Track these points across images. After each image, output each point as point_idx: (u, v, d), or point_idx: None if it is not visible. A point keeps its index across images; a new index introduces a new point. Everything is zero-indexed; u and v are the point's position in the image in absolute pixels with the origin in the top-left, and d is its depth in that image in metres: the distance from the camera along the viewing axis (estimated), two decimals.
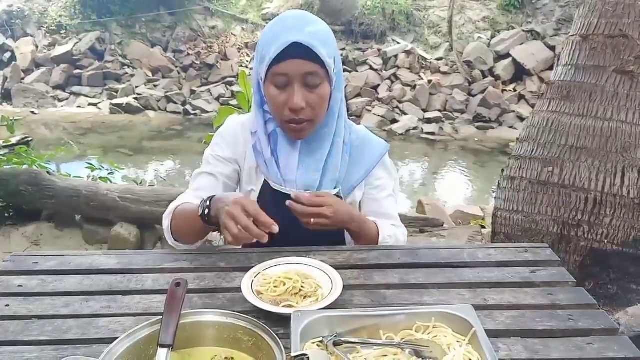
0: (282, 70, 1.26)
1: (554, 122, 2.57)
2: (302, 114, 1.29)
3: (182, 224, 1.35)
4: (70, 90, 11.55)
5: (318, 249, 1.31)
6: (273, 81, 1.29)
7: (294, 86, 1.27)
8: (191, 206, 1.33)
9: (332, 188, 1.41)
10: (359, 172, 1.46)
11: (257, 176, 1.45)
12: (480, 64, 10.72)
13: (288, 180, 1.38)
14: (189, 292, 1.12)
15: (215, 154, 1.46)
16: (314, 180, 1.38)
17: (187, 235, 1.37)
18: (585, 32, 2.59)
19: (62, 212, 3.60)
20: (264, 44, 1.29)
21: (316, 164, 1.39)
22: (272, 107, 1.33)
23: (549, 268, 1.26)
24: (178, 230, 1.37)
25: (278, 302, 1.08)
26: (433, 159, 8.65)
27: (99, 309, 1.08)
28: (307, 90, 1.28)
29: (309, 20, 1.29)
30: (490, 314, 1.06)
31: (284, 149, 1.39)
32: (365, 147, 1.48)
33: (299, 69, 1.25)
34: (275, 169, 1.39)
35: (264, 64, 1.28)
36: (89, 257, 1.29)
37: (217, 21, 13.15)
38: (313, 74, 1.26)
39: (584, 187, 2.42)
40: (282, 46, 1.23)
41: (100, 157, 8.04)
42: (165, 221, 1.39)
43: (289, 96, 1.28)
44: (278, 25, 1.29)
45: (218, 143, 1.47)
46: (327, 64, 1.26)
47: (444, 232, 3.19)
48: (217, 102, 10.88)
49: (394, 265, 1.26)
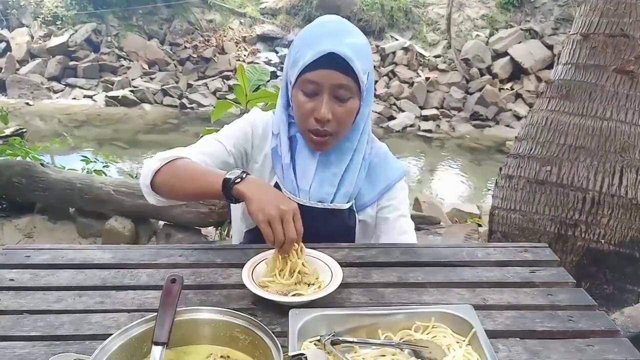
0: (314, 78, 1.22)
1: (553, 121, 2.56)
2: (327, 126, 1.26)
3: (183, 177, 1.24)
4: (65, 81, 11.49)
5: (317, 246, 1.30)
6: (302, 87, 1.25)
7: (323, 96, 1.23)
8: (202, 166, 1.26)
9: (344, 202, 1.38)
10: (373, 191, 1.42)
11: (269, 177, 1.40)
12: (478, 62, 10.73)
13: (302, 189, 1.35)
14: (184, 288, 1.10)
15: (239, 133, 1.40)
16: (327, 194, 1.35)
17: (178, 190, 1.26)
18: (586, 30, 2.58)
19: (55, 204, 3.56)
20: (300, 47, 1.25)
21: (332, 178, 1.35)
22: (298, 113, 1.30)
23: (548, 268, 1.25)
24: (170, 180, 1.26)
25: (286, 293, 1.06)
26: (429, 157, 8.65)
27: (92, 304, 1.06)
28: (335, 103, 1.24)
29: (349, 31, 1.25)
30: (490, 314, 1.05)
31: (302, 157, 1.35)
32: (383, 168, 1.44)
33: (331, 79, 1.21)
34: (292, 176, 1.35)
35: (296, 67, 1.24)
36: (82, 251, 1.27)
37: (215, 14, 13.09)
38: (344, 87, 1.23)
39: (582, 186, 2.42)
40: (319, 54, 1.19)
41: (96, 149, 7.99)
42: (155, 163, 1.27)
43: (316, 105, 1.24)
44: (317, 30, 1.25)
45: (244, 128, 1.41)
46: (360, 79, 1.23)
47: (441, 230, 3.18)
48: (214, 96, 10.86)
49: (393, 263, 1.25)
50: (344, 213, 1.39)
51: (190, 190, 1.25)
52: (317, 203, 1.35)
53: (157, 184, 1.28)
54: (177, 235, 3.38)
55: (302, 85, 1.25)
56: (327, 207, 1.36)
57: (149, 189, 1.29)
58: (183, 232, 3.40)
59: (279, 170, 1.37)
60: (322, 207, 1.36)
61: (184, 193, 1.28)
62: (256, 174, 1.41)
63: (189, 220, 3.36)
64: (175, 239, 3.35)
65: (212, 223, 3.42)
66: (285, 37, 12.57)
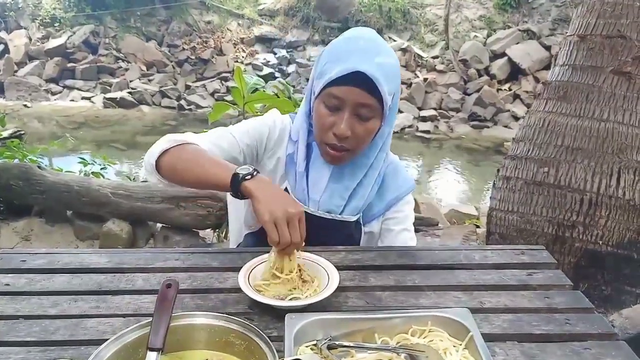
0: (338, 94, 1.20)
1: (550, 123, 2.56)
2: (345, 142, 1.24)
3: (191, 162, 1.22)
4: (63, 83, 11.48)
5: (312, 249, 1.29)
6: (325, 100, 1.23)
7: (344, 112, 1.21)
8: (211, 155, 1.24)
9: (353, 215, 1.37)
10: (381, 204, 1.42)
11: (280, 182, 1.39)
12: (476, 63, 10.74)
13: (312, 199, 1.34)
14: (180, 292, 1.10)
15: (256, 133, 1.37)
16: (337, 206, 1.35)
17: (183, 174, 1.24)
18: (583, 32, 2.58)
19: (53, 207, 3.55)
20: (328, 59, 1.23)
21: (343, 191, 1.34)
22: (317, 125, 1.28)
23: (545, 270, 1.25)
24: (177, 162, 1.23)
25: (283, 297, 1.06)
26: (428, 157, 8.66)
27: (87, 309, 1.05)
28: (356, 120, 1.22)
29: (380, 50, 1.22)
30: (487, 317, 1.04)
31: (316, 167, 1.34)
32: (392, 180, 1.43)
33: (356, 98, 1.20)
34: (304, 185, 1.34)
35: (322, 80, 1.22)
36: (78, 255, 1.26)
37: (213, 16, 13.09)
38: (367, 106, 1.21)
39: (579, 188, 2.42)
40: (346, 71, 1.17)
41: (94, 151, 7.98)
42: (164, 144, 1.25)
43: (336, 121, 1.23)
44: (348, 46, 1.22)
45: (260, 129, 1.38)
46: (384, 100, 1.21)
47: (439, 232, 3.18)
48: (212, 98, 10.86)
49: (390, 266, 1.24)
50: (350, 225, 1.38)
51: (195, 177, 1.22)
52: (325, 213, 1.34)
53: (163, 164, 1.26)
54: (175, 237, 3.37)
55: (325, 98, 1.23)
56: (334, 218, 1.35)
57: (152, 167, 1.27)
58: (181, 235, 3.39)
59: (292, 177, 1.36)
60: (329, 218, 1.35)
61: (188, 178, 1.25)
62: (266, 176, 1.38)
63: (186, 222, 3.36)
64: (173, 241, 3.34)
65: (210, 225, 3.41)
66: (283, 39, 12.58)
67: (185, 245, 3.29)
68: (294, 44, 12.48)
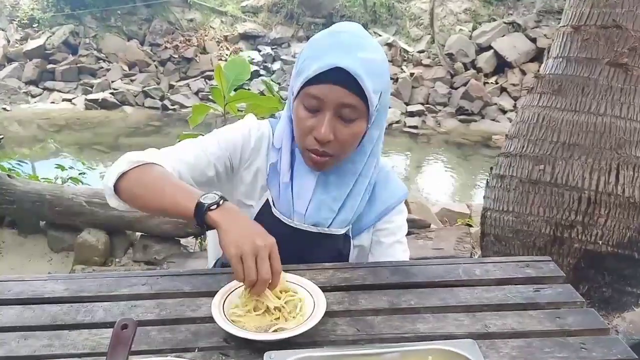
0: (317, 93, 1.08)
1: (544, 118, 2.45)
2: (327, 147, 1.12)
3: (151, 188, 1.09)
4: (43, 85, 11.25)
5: (296, 267, 1.17)
6: (304, 101, 1.11)
7: (325, 114, 1.09)
8: (175, 179, 1.10)
9: (342, 227, 1.24)
10: (371, 214, 1.29)
11: (260, 193, 1.26)
12: (462, 57, 10.67)
13: (297, 212, 1.21)
14: (146, 324, 0.98)
15: (228, 143, 1.23)
16: (325, 219, 1.22)
17: (143, 201, 1.12)
18: (577, 22, 2.47)
19: (24, 217, 3.38)
20: (306, 56, 1.11)
21: (332, 202, 1.21)
22: (297, 128, 1.15)
23: (553, 285, 1.14)
24: (136, 188, 1.11)
25: (266, 328, 0.93)
26: (416, 153, 8.58)
27: (39, 347, 0.92)
28: (338, 122, 1.10)
29: (364, 44, 1.09)
30: (493, 344, 0.93)
31: (300, 176, 1.21)
32: (383, 188, 1.30)
33: (336, 97, 1.07)
34: (289, 196, 1.21)
35: (300, 78, 1.10)
36: (32, 282, 1.12)
37: (195, 13, 12.89)
38: (350, 106, 1.08)
39: (577, 186, 2.31)
40: (325, 67, 1.05)
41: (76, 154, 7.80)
42: (123, 165, 1.12)
43: (317, 123, 1.10)
44: (328, 40, 1.10)
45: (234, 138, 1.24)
46: (369, 100, 1.08)
47: (431, 234, 3.08)
48: (197, 97, 10.69)
49: (382, 285, 1.12)
50: (339, 238, 1.26)
51: (156, 205, 1.09)
52: (310, 227, 1.22)
53: (121, 188, 1.13)
54: (155, 246, 3.22)
55: (304, 98, 1.10)
56: (321, 231, 1.23)
57: (111, 191, 1.14)
58: (161, 244, 3.24)
59: (275, 188, 1.22)
60: (315, 232, 1.22)
61: (148, 206, 1.13)
62: (244, 189, 1.26)
63: (166, 231, 3.21)
64: (153, 250, 3.19)
65: (192, 233, 3.27)
66: (267, 35, 12.42)
67: (166, 254, 3.14)
68: (279, 40, 12.32)
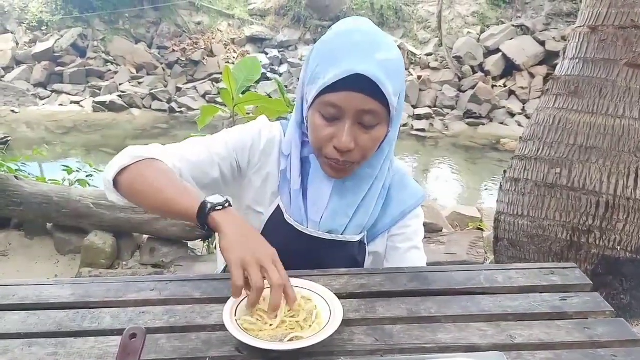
0: (336, 101, 1.01)
1: (561, 120, 2.39)
2: (348, 156, 1.06)
3: (152, 184, 1.04)
4: (51, 88, 11.31)
5: (310, 273, 1.12)
6: (321, 109, 1.04)
7: (345, 123, 1.03)
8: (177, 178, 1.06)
9: (356, 234, 1.20)
10: (386, 219, 1.23)
11: (270, 199, 1.20)
12: (470, 60, 10.63)
13: (311, 219, 1.16)
14: (155, 332, 0.93)
15: (237, 145, 1.18)
16: (340, 225, 1.17)
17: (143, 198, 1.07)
18: (594, 23, 2.41)
19: (32, 219, 3.35)
20: (320, 60, 1.04)
21: (347, 208, 1.16)
22: (314, 138, 1.09)
23: (580, 294, 1.09)
24: (136, 183, 1.07)
25: (281, 338, 0.89)
26: (424, 156, 8.52)
27: (43, 356, 0.88)
28: (359, 129, 1.04)
29: (380, 44, 1.03)
30: (520, 356, 0.88)
31: (315, 183, 1.16)
32: (399, 192, 1.24)
33: (357, 104, 1.01)
34: (300, 204, 1.15)
35: (315, 86, 1.03)
36: (37, 287, 1.08)
37: (203, 17, 12.92)
38: (371, 112, 1.02)
39: (594, 190, 2.25)
40: (342, 75, 0.98)
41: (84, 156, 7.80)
42: (125, 159, 1.08)
43: (336, 132, 1.04)
44: (342, 43, 1.03)
45: (243, 139, 1.19)
46: (390, 103, 1.03)
47: (443, 239, 3.02)
48: (204, 100, 10.70)
49: (401, 292, 1.07)
50: (353, 245, 1.20)
51: (156, 202, 1.04)
52: (324, 234, 1.17)
53: (121, 183, 1.08)
54: (163, 249, 3.17)
55: (321, 107, 1.03)
56: (335, 238, 1.18)
57: (110, 184, 1.10)
58: (169, 247, 3.19)
59: (286, 195, 1.17)
60: (329, 239, 1.17)
61: (147, 202, 1.07)
62: (254, 194, 1.21)
63: (174, 233, 3.16)
64: (160, 253, 3.15)
65: (199, 236, 3.23)
66: (274, 38, 12.42)
67: (174, 257, 3.10)
68: (286, 43, 12.32)
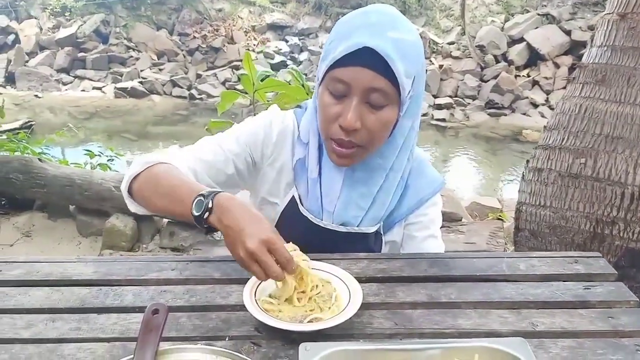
0: (343, 77, 1.00)
1: (587, 109, 2.34)
2: (354, 136, 1.03)
3: (159, 189, 1.03)
4: (74, 73, 11.44)
5: (330, 256, 1.12)
6: (329, 86, 1.03)
7: (351, 99, 1.00)
8: (181, 179, 1.02)
9: (372, 225, 1.18)
10: (403, 207, 1.21)
11: (285, 191, 1.19)
12: (493, 49, 10.45)
13: (325, 210, 1.15)
14: (176, 310, 0.95)
15: (249, 138, 1.17)
16: (354, 217, 1.15)
17: (152, 204, 1.06)
18: (623, 9, 2.34)
19: (54, 201, 3.41)
20: (333, 37, 1.04)
21: (361, 199, 1.14)
22: (321, 116, 1.07)
23: (604, 283, 1.08)
24: (145, 190, 1.06)
25: (300, 319, 0.89)
26: (443, 146, 8.45)
27: (66, 331, 0.89)
28: (367, 109, 1.01)
29: (396, 23, 1.01)
30: (542, 344, 0.87)
31: (327, 170, 1.14)
32: (417, 180, 1.22)
33: (364, 80, 0.98)
34: (317, 194, 1.14)
35: (325, 62, 1.03)
36: (61, 264, 1.10)
37: (224, 3, 12.92)
38: (379, 91, 0.99)
39: (620, 180, 2.20)
40: (352, 48, 0.97)
41: (105, 141, 7.90)
42: (136, 167, 1.07)
43: (343, 110, 1.02)
44: (357, 20, 1.02)
45: (255, 133, 1.18)
46: (400, 84, 0.99)
47: (463, 228, 2.99)
48: (223, 87, 10.74)
49: (420, 278, 1.07)
50: (369, 237, 1.19)
51: (163, 208, 1.04)
52: (339, 226, 1.16)
53: (134, 192, 1.08)
54: (182, 233, 3.21)
55: (330, 83, 1.02)
56: (350, 231, 1.17)
57: (127, 195, 1.11)
58: (188, 231, 3.22)
59: (303, 184, 1.16)
60: (344, 232, 1.17)
61: (156, 208, 1.07)
62: (268, 186, 1.20)
63: None
64: (180, 237, 3.18)
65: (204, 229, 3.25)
66: (295, 26, 12.37)
67: (192, 242, 3.13)
68: (306, 31, 12.26)
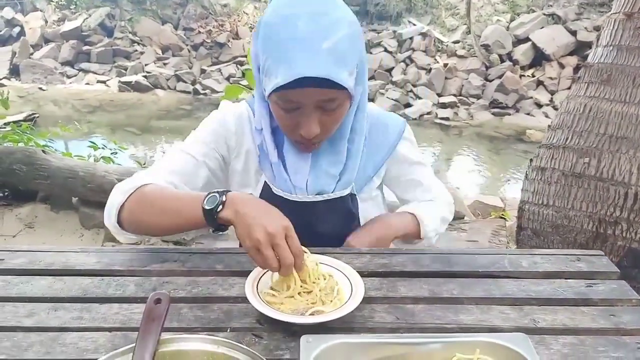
0: (291, 97, 1.02)
1: (592, 109, 2.33)
2: (316, 138, 1.08)
3: (154, 208, 1.04)
4: (79, 66, 11.47)
5: (332, 251, 1.12)
6: (279, 103, 1.04)
7: (306, 112, 1.03)
8: (173, 192, 1.08)
9: (345, 189, 1.21)
10: (375, 160, 1.26)
11: (255, 178, 1.24)
12: (498, 48, 10.40)
13: (297, 187, 1.18)
14: (178, 301, 0.95)
15: (210, 137, 1.22)
16: (328, 185, 1.19)
17: (150, 227, 1.08)
18: (630, 9, 2.33)
19: (57, 193, 3.40)
20: (269, 54, 1.00)
21: (331, 167, 1.18)
22: (280, 125, 1.12)
23: (607, 281, 1.08)
24: (138, 215, 1.07)
25: (302, 312, 0.90)
26: (447, 145, 8.42)
27: (68, 320, 0.90)
28: (322, 113, 1.05)
29: (325, 25, 0.97)
30: (543, 340, 0.87)
31: (292, 151, 1.18)
32: (380, 132, 1.26)
33: (312, 97, 1.01)
34: (284, 174, 1.17)
35: (269, 81, 1.01)
36: (63, 254, 1.10)
37: None
38: (330, 100, 1.03)
39: (623, 180, 2.20)
40: (292, 77, 0.96)
41: (109, 135, 7.91)
42: (118, 197, 1.08)
43: (300, 121, 1.05)
44: (287, 34, 0.97)
45: (214, 129, 1.23)
46: (348, 86, 1.01)
47: (465, 226, 2.98)
48: (228, 82, 10.72)
49: (423, 273, 1.07)
50: (345, 199, 1.23)
51: (165, 225, 1.05)
52: (316, 196, 1.19)
53: (125, 221, 1.09)
54: None
55: (278, 101, 1.04)
56: (326, 198, 1.20)
57: (117, 228, 1.10)
58: None
59: (268, 169, 1.19)
60: (322, 200, 1.20)
61: (156, 229, 1.09)
62: (239, 178, 1.25)
63: None
64: None
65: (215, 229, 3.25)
66: None
67: (195, 234, 3.13)
68: None
